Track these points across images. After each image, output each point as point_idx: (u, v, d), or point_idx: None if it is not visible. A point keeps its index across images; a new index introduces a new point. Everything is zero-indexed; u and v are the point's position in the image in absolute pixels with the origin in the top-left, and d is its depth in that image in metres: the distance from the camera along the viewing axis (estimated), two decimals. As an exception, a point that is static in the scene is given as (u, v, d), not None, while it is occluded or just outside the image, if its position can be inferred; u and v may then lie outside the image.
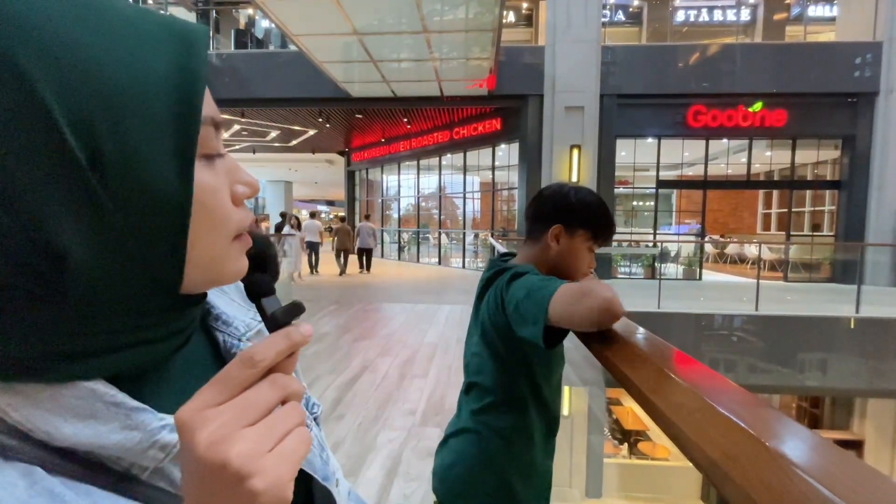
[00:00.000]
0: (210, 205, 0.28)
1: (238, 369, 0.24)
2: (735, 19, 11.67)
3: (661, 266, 9.07)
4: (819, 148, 9.25)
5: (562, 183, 1.05)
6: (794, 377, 5.53)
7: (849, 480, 0.29)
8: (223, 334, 0.39)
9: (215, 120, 0.29)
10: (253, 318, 0.43)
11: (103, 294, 0.25)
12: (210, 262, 0.29)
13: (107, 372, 0.27)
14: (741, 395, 0.46)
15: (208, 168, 0.28)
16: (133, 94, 0.23)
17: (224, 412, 0.23)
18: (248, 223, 0.32)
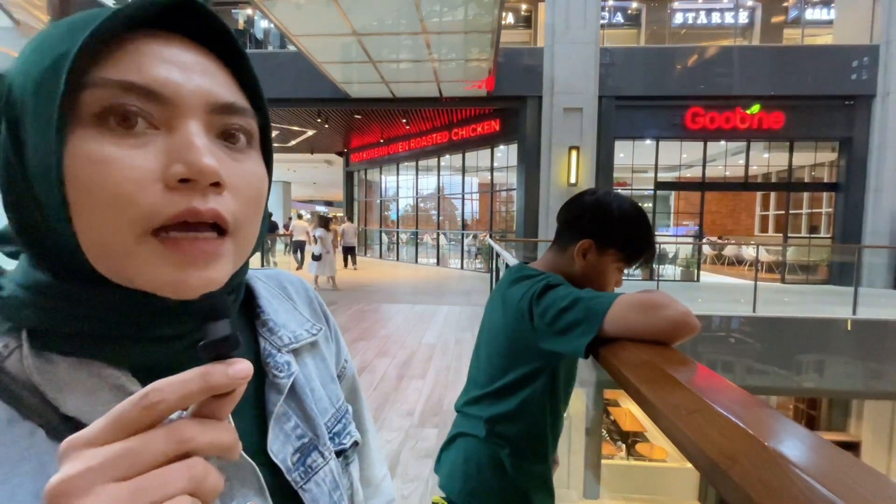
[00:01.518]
0: (90, 178, 0.25)
1: (131, 406, 0.20)
2: (733, 22, 11.71)
3: (659, 267, 9.09)
4: (816, 150, 9.29)
5: (605, 190, 0.94)
6: (792, 378, 5.54)
7: (847, 479, 0.29)
8: (266, 341, 0.38)
9: (136, 85, 0.26)
10: (307, 331, 0.41)
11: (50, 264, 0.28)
12: (112, 256, 0.26)
13: (114, 360, 0.28)
14: (740, 395, 0.46)
15: (109, 139, 0.25)
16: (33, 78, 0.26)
17: (96, 456, 0.19)
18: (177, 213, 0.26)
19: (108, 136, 0.26)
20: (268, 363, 0.37)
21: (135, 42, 0.27)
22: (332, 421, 0.41)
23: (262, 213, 0.33)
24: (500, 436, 0.94)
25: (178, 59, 0.28)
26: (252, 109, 0.32)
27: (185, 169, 0.26)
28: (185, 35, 0.29)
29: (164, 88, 0.27)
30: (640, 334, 0.71)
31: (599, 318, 0.73)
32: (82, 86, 0.25)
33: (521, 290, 0.90)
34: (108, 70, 0.26)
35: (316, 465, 0.37)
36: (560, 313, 0.79)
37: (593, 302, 0.76)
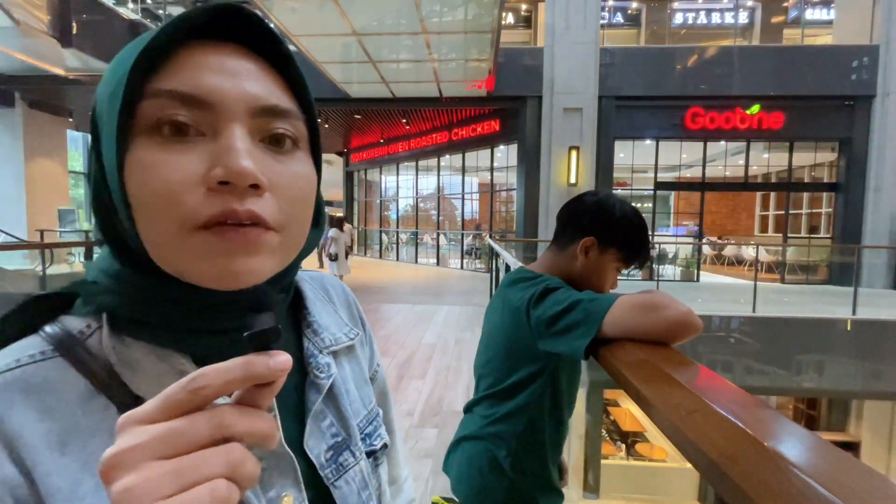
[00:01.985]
0: (143, 182, 0.27)
1: (178, 390, 0.21)
2: (733, 22, 11.71)
3: (659, 267, 9.09)
4: (816, 150, 9.29)
5: (607, 192, 0.96)
6: (791, 379, 5.54)
7: (847, 480, 0.29)
8: (309, 342, 0.40)
9: (184, 94, 0.28)
10: (346, 335, 0.43)
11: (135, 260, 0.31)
12: (164, 252, 0.29)
13: (178, 348, 0.31)
14: (739, 395, 0.46)
15: (160, 145, 0.28)
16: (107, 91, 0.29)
17: (144, 434, 0.20)
18: (213, 214, 0.27)
19: (160, 142, 0.28)
20: (310, 363, 0.39)
21: (187, 52, 0.29)
22: (364, 422, 0.43)
23: (310, 213, 0.34)
24: (500, 437, 0.94)
25: (225, 65, 0.29)
26: (299, 111, 0.32)
27: (224, 172, 0.27)
28: (236, 41, 0.31)
29: (209, 96, 0.28)
30: (641, 335, 0.71)
31: (599, 319, 0.73)
32: (140, 97, 0.28)
33: (519, 293, 0.90)
34: (161, 81, 0.28)
35: (347, 463, 0.38)
36: (559, 315, 0.79)
37: (593, 303, 0.76)
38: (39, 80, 7.51)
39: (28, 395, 0.28)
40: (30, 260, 7.69)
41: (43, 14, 5.96)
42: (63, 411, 0.28)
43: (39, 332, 0.31)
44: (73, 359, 0.29)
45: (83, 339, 0.30)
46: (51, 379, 0.28)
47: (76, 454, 0.27)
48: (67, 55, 6.57)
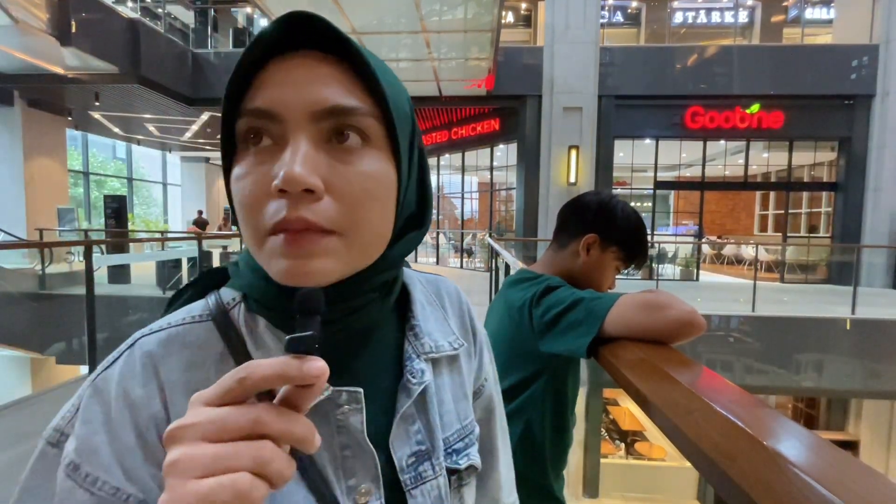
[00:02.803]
0: (237, 192, 0.32)
1: (228, 378, 0.23)
2: (733, 21, 11.70)
3: (659, 267, 9.09)
4: (816, 150, 9.28)
5: (608, 192, 0.98)
6: (791, 378, 5.55)
7: (846, 479, 0.29)
8: (409, 345, 0.40)
9: (259, 109, 0.31)
10: (450, 343, 0.43)
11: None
12: (253, 251, 0.33)
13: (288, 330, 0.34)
14: (739, 394, 0.46)
15: (249, 158, 0.32)
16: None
17: (200, 415, 0.22)
18: (278, 221, 0.30)
19: (248, 155, 0.32)
20: (406, 366, 0.39)
21: (267, 69, 0.32)
22: (455, 437, 0.41)
23: (384, 212, 0.34)
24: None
25: (291, 75, 0.31)
26: (371, 107, 0.33)
27: (279, 181, 0.29)
28: (308, 46, 0.32)
29: (276, 107, 0.31)
30: (644, 334, 0.71)
31: (601, 317, 0.73)
32: (237, 115, 0.32)
33: (521, 293, 0.90)
34: (248, 100, 0.31)
35: (425, 475, 0.38)
36: (561, 314, 0.79)
37: (594, 302, 0.76)
38: (38, 79, 7.49)
39: (183, 348, 0.34)
40: (29, 259, 7.69)
41: (42, 12, 5.95)
42: (202, 367, 0.33)
43: (206, 298, 0.37)
44: (218, 325, 0.35)
45: (228, 310, 0.36)
46: (201, 338, 0.34)
47: None
48: (66, 54, 6.55)
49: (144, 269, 7.65)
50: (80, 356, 5.56)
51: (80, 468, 0.29)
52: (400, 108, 0.34)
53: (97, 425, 0.30)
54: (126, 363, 0.33)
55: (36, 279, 6.82)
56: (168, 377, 0.32)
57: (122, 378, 0.32)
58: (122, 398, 0.31)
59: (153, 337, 0.34)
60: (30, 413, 2.77)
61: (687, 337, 0.70)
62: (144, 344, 0.34)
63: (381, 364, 0.39)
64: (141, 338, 0.34)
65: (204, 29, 10.36)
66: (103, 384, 0.32)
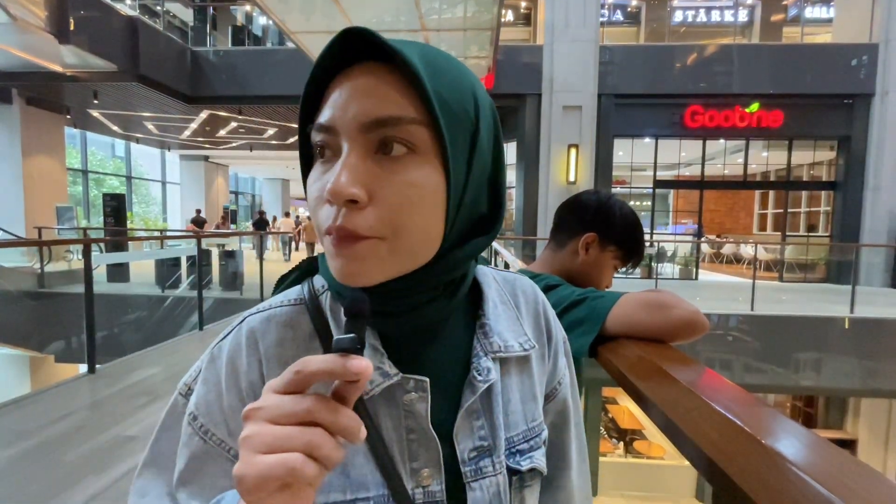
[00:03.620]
0: (308, 197, 0.36)
1: (289, 372, 0.26)
2: (733, 20, 11.70)
3: (658, 266, 9.10)
4: (815, 149, 9.29)
5: (606, 192, 0.98)
6: (789, 377, 5.56)
7: (844, 478, 0.29)
8: (478, 342, 0.41)
9: (322, 125, 0.34)
10: (520, 344, 0.43)
11: None
12: (321, 247, 0.37)
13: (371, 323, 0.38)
14: (737, 393, 0.46)
15: (317, 167, 0.35)
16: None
17: (268, 400, 0.26)
18: (328, 227, 0.33)
19: (317, 163, 0.35)
20: (472, 363, 0.40)
21: (331, 86, 0.35)
22: (520, 438, 0.42)
23: (427, 218, 0.34)
24: None
25: (345, 90, 0.34)
26: (419, 114, 0.33)
27: (326, 192, 0.32)
28: (369, 57, 0.34)
29: (333, 122, 0.33)
30: (646, 333, 0.70)
31: (602, 315, 0.73)
32: (313, 129, 0.35)
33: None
34: (319, 114, 0.35)
35: (485, 471, 0.39)
36: (561, 313, 0.78)
37: (596, 301, 0.76)
38: (37, 77, 7.47)
39: (280, 327, 0.39)
40: (28, 257, 7.68)
41: (40, 10, 5.93)
42: (294, 345, 0.38)
43: (302, 285, 0.42)
44: (309, 309, 0.39)
45: (318, 296, 0.40)
46: (295, 319, 0.39)
47: None
48: (65, 51, 6.54)
49: (143, 268, 7.63)
50: (79, 354, 5.55)
51: (197, 419, 0.37)
52: (453, 111, 0.34)
53: (211, 386, 0.38)
54: (235, 337, 0.39)
55: (35, 278, 6.81)
56: (266, 351, 0.38)
57: (231, 349, 0.38)
58: (230, 365, 0.38)
59: (258, 316, 0.40)
60: (29, 411, 2.77)
61: (690, 337, 0.69)
62: (251, 321, 0.39)
63: (451, 359, 0.40)
64: (248, 316, 0.40)
65: (203, 27, 10.34)
66: (218, 352, 0.39)
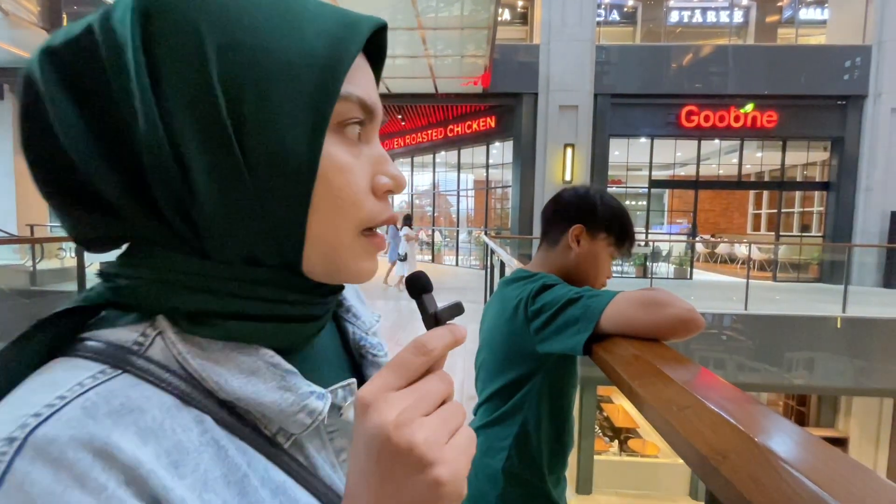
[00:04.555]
0: (337, 183, 0.28)
1: (413, 356, 0.25)
2: (728, 21, 11.75)
3: (653, 265, 9.14)
4: (809, 150, 9.36)
5: (585, 185, 1.00)
6: (782, 375, 5.60)
7: (836, 476, 0.29)
8: (353, 326, 0.39)
9: (365, 102, 0.29)
10: (372, 316, 0.42)
11: (234, 248, 0.27)
12: (330, 250, 0.29)
13: (261, 340, 0.29)
14: (731, 391, 0.46)
15: (346, 147, 0.29)
16: (284, 68, 0.26)
17: (406, 398, 0.24)
18: (385, 220, 0.31)
19: (345, 145, 0.29)
20: (364, 346, 0.38)
21: (357, 59, 0.29)
22: None
23: None
24: (494, 442, 0.92)
25: (371, 74, 0.31)
26: None
27: (393, 184, 0.31)
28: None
29: (376, 106, 0.30)
30: (642, 331, 0.70)
31: (597, 314, 0.73)
32: (352, 100, 0.29)
33: (516, 291, 0.90)
34: (349, 85, 0.28)
35: None
36: (557, 311, 0.78)
37: (591, 300, 0.76)
38: (29, 73, 7.40)
39: (118, 417, 0.23)
40: (20, 255, 7.60)
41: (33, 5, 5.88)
42: (161, 431, 0.24)
43: (76, 353, 0.25)
44: (143, 373, 0.25)
45: (143, 351, 0.26)
46: (132, 398, 0.24)
47: (193, 475, 0.24)
48: (58, 47, 6.48)
49: (137, 266, 7.57)
50: (72, 353, 5.51)
51: None
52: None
53: None
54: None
55: (27, 275, 6.75)
56: (133, 459, 0.22)
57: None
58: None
59: (82, 433, 0.21)
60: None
61: (686, 335, 0.69)
62: (80, 445, 0.21)
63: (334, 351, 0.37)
64: (50, 443, 0.21)
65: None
66: None
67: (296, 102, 0.26)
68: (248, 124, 0.25)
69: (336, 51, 0.27)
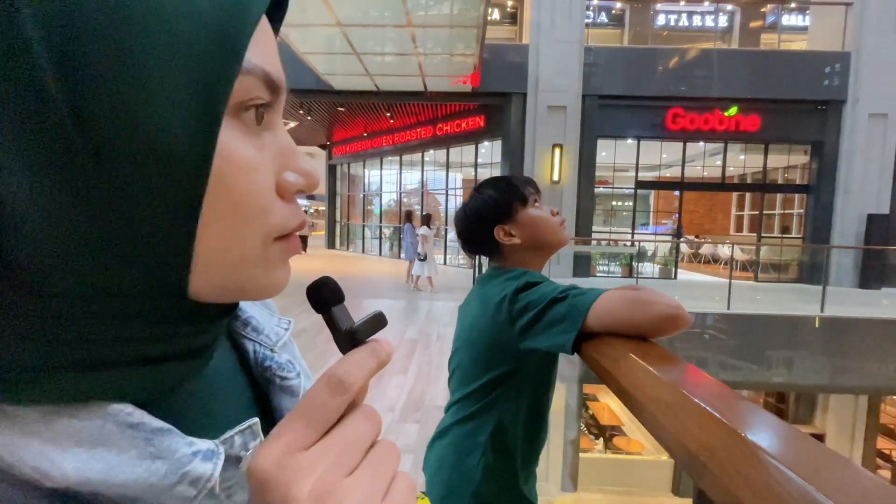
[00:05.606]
0: (239, 185, 0.21)
1: (328, 397, 0.19)
2: (713, 25, 11.94)
3: (638, 265, 9.25)
4: (790, 153, 9.57)
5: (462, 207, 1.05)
6: (762, 373, 5.73)
7: (824, 471, 0.29)
8: (253, 343, 0.32)
9: (270, 77, 0.22)
10: (279, 326, 0.35)
11: (74, 280, 0.18)
12: (234, 266, 0.22)
13: (113, 394, 0.21)
14: (718, 388, 0.47)
15: (247, 138, 0.21)
16: (154, 30, 0.17)
17: (322, 456, 0.18)
18: (296, 227, 0.25)
19: (246, 134, 0.21)
20: (269, 367, 0.31)
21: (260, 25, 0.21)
22: None
23: None
24: (469, 440, 0.91)
25: (274, 39, 0.24)
26: None
27: (304, 182, 0.24)
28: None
29: (282, 82, 0.23)
30: (628, 329, 0.70)
31: (583, 312, 0.73)
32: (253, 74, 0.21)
33: (499, 287, 0.88)
34: (251, 53, 0.20)
35: None
36: (543, 310, 0.78)
37: (577, 298, 0.75)
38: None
39: None
40: None
41: None
42: None
43: None
44: None
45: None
46: None
47: None
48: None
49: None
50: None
51: None
52: None
53: None
54: None
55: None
56: None
57: None
58: None
59: None
60: None
61: (672, 331, 0.70)
62: None
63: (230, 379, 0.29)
64: None
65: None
66: None
67: (175, 79, 0.18)
68: (101, 114, 0.17)
69: (234, 9, 0.19)
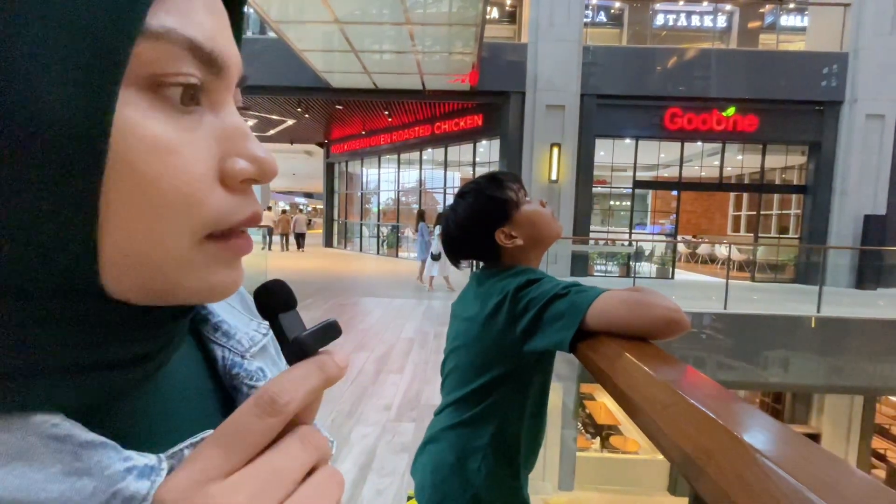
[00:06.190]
0: (151, 169, 0.18)
1: (255, 418, 0.17)
2: (712, 25, 11.96)
3: (636, 265, 9.27)
4: (787, 153, 9.60)
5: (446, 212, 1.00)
6: (759, 373, 5.74)
7: (820, 473, 0.29)
8: (223, 349, 0.30)
9: (200, 46, 0.19)
10: (257, 331, 0.33)
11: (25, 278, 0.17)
12: (151, 267, 0.19)
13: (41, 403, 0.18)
14: (715, 389, 0.46)
15: (167, 116, 0.19)
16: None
17: (239, 489, 0.16)
18: (244, 220, 0.22)
19: (166, 112, 0.19)
20: (237, 374, 0.29)
21: None
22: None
23: None
24: (468, 444, 0.89)
25: (223, 14, 0.21)
26: None
27: (254, 169, 0.21)
28: None
29: (222, 56, 0.20)
30: (626, 329, 0.70)
31: (582, 310, 0.72)
32: (136, 32, 0.17)
33: (498, 286, 0.87)
34: (163, 16, 0.18)
35: None
36: (544, 307, 0.77)
37: (577, 296, 0.75)
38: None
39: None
40: None
41: None
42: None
43: None
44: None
45: None
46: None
47: None
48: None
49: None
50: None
51: None
52: None
53: None
54: None
55: None
56: None
57: None
58: None
59: None
60: None
61: (671, 335, 0.69)
62: None
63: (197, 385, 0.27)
64: None
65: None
66: None
67: (55, 42, 0.15)
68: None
69: None
